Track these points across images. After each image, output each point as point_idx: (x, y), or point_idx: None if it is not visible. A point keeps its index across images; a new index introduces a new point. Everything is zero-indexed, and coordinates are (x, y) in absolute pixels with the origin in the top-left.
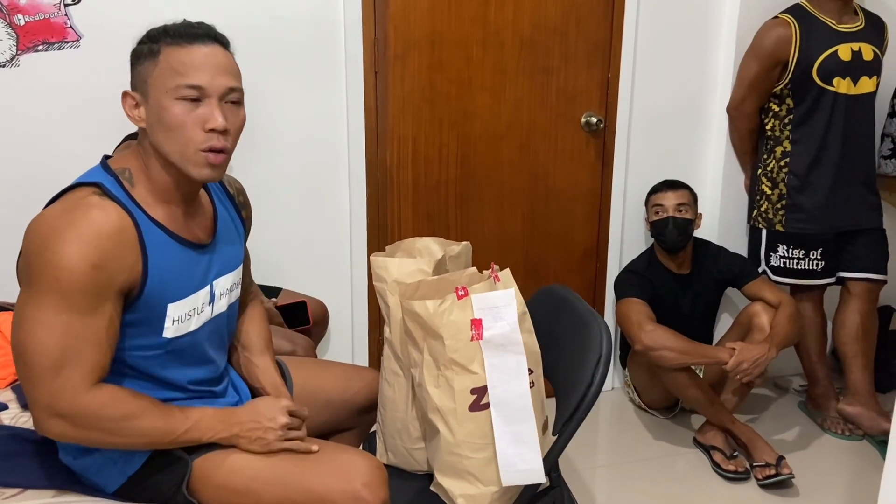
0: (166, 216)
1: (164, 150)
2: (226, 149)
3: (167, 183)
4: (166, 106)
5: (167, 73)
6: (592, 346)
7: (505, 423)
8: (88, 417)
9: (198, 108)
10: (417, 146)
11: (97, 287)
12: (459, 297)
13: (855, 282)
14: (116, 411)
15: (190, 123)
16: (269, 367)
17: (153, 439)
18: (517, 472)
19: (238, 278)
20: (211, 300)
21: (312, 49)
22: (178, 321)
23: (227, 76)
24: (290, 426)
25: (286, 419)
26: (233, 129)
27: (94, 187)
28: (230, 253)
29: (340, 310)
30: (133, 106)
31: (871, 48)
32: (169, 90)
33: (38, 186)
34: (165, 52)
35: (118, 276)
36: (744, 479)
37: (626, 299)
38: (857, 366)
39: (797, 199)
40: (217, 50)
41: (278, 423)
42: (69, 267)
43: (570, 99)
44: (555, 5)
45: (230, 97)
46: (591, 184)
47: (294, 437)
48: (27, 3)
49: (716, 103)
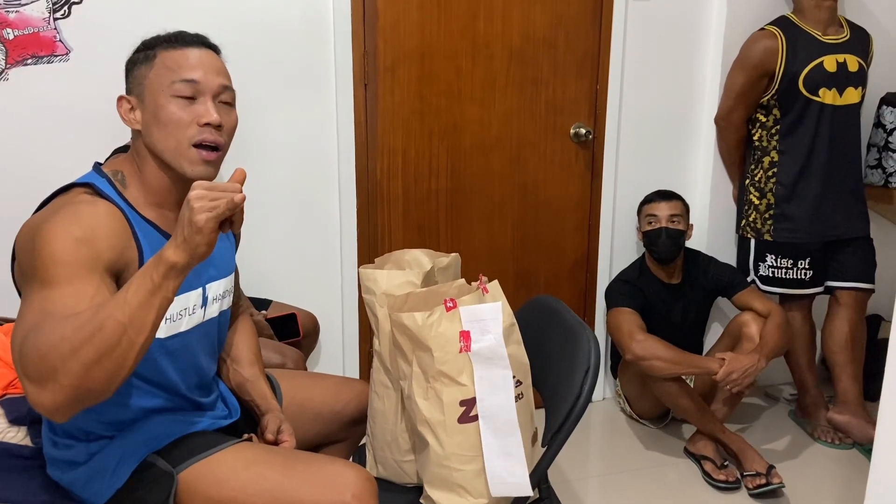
0: (158, 217)
1: (159, 149)
2: (219, 144)
3: (161, 185)
4: (162, 104)
5: (162, 72)
6: (581, 356)
7: (493, 436)
8: (47, 355)
9: (192, 105)
10: (407, 158)
11: (82, 259)
12: (448, 310)
13: (843, 291)
14: (62, 332)
15: (185, 119)
16: (259, 379)
17: (114, 324)
18: (505, 484)
19: (230, 286)
20: (203, 303)
21: (302, 61)
22: (170, 320)
23: (220, 76)
24: (209, 198)
25: (197, 191)
26: (226, 127)
27: (84, 187)
28: (222, 258)
29: (331, 322)
30: (129, 110)
31: (856, 59)
32: (164, 87)
33: (27, 200)
34: (161, 54)
35: (106, 252)
36: (734, 489)
37: (617, 309)
38: (847, 375)
39: (785, 208)
40: (210, 53)
41: (192, 200)
42: (52, 242)
43: (559, 110)
44: (543, 18)
45: (223, 97)
46: (581, 194)
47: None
48: (16, 17)
49: (703, 114)
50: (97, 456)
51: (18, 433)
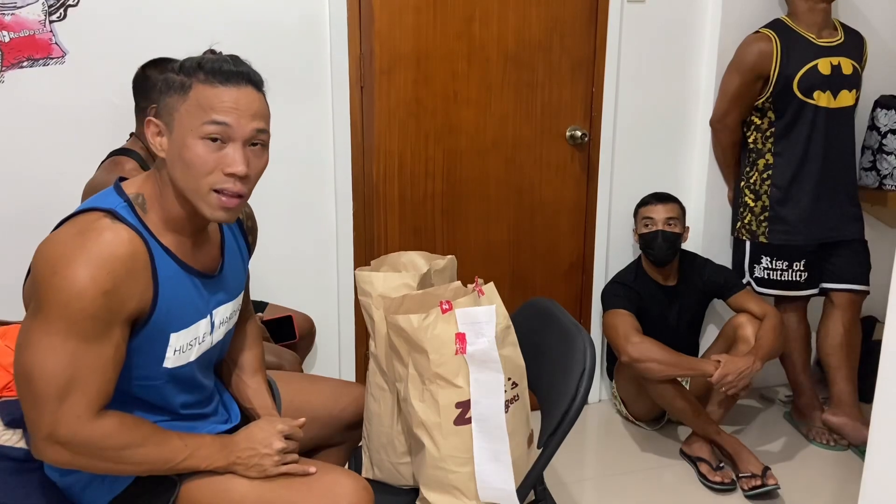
0: (176, 244)
1: (181, 186)
2: (243, 193)
3: (180, 215)
4: (189, 144)
5: (194, 111)
6: (577, 358)
7: (484, 440)
8: (90, 446)
9: (221, 150)
10: (403, 160)
11: (107, 314)
12: (444, 312)
13: (838, 293)
14: (119, 441)
15: (211, 164)
16: (261, 388)
17: (151, 467)
18: (493, 489)
19: (238, 306)
20: (211, 330)
21: (298, 64)
22: (180, 351)
23: (255, 119)
24: (286, 450)
25: (282, 444)
26: (253, 174)
27: (105, 212)
28: (233, 280)
29: (327, 324)
30: (156, 133)
31: (850, 62)
32: (194, 128)
33: (24, 202)
34: (196, 88)
35: (129, 302)
36: (730, 490)
37: (613, 311)
38: (841, 376)
39: (780, 211)
40: (249, 92)
41: (274, 448)
42: (80, 293)
43: (555, 113)
44: (539, 21)
45: (256, 139)
46: (577, 197)
47: (290, 462)
48: (12, 20)
49: (699, 117)
50: None
51: (14, 436)
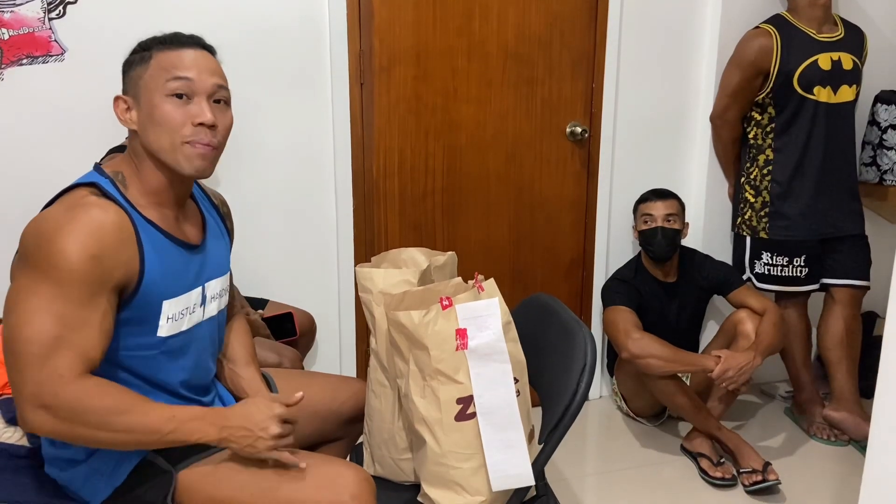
0: (159, 217)
1: (155, 148)
2: (213, 144)
3: (160, 184)
4: (157, 103)
5: (158, 73)
6: (577, 354)
7: (493, 431)
8: (72, 408)
9: (187, 105)
10: (403, 157)
11: (94, 278)
12: (444, 308)
13: (838, 288)
14: (101, 403)
15: (179, 119)
16: (255, 377)
17: (138, 437)
18: (507, 476)
19: (226, 284)
20: (202, 302)
21: (298, 61)
22: (172, 319)
23: (214, 75)
24: (281, 435)
25: (278, 429)
26: (221, 127)
27: (91, 187)
28: (219, 256)
29: (327, 321)
30: (125, 110)
31: (850, 57)
32: (159, 87)
33: (23, 200)
34: (156, 55)
35: (115, 270)
36: (731, 486)
37: (613, 307)
38: (842, 372)
39: (780, 206)
40: (205, 54)
41: (270, 433)
42: (68, 256)
43: (555, 109)
44: (539, 17)
45: (218, 95)
46: (577, 193)
47: (285, 445)
48: (11, 17)
49: (699, 112)
50: (97, 454)
51: (14, 433)
